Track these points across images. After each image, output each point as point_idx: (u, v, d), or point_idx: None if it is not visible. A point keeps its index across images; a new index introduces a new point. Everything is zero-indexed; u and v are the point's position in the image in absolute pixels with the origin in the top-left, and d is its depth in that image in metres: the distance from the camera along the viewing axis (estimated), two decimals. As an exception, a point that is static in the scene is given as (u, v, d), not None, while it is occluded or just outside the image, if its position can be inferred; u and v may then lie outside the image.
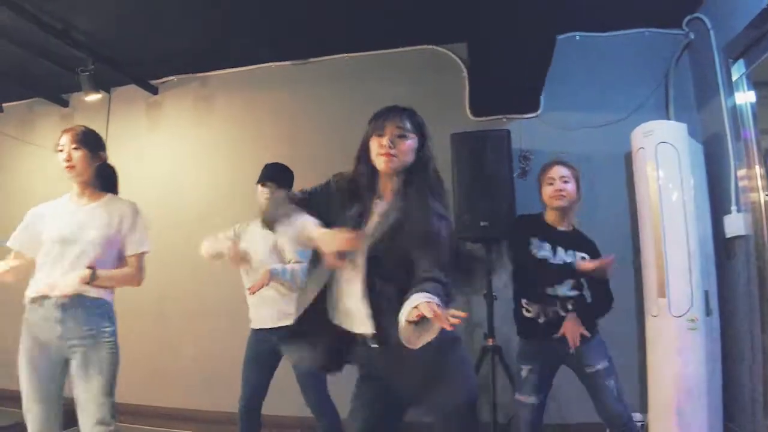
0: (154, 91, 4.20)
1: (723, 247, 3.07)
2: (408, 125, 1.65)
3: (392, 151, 1.60)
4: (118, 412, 2.07)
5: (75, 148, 2.08)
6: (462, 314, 1.22)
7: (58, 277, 2.00)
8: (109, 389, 2.02)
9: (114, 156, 4.01)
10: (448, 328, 1.21)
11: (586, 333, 2.25)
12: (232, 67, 4.05)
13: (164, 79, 4.19)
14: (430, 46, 3.79)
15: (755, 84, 2.92)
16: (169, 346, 3.94)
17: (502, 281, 2.67)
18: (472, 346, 3.43)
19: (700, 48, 3.34)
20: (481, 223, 3.13)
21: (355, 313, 1.55)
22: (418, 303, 1.28)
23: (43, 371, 2.01)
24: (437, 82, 3.74)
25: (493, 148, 3.21)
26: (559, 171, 2.40)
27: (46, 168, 4.31)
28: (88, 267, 2.01)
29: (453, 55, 3.76)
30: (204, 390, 3.75)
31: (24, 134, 4.36)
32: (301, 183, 2.52)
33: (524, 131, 3.53)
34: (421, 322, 1.28)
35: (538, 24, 2.72)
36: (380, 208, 1.64)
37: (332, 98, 3.88)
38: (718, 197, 3.10)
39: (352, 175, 1.69)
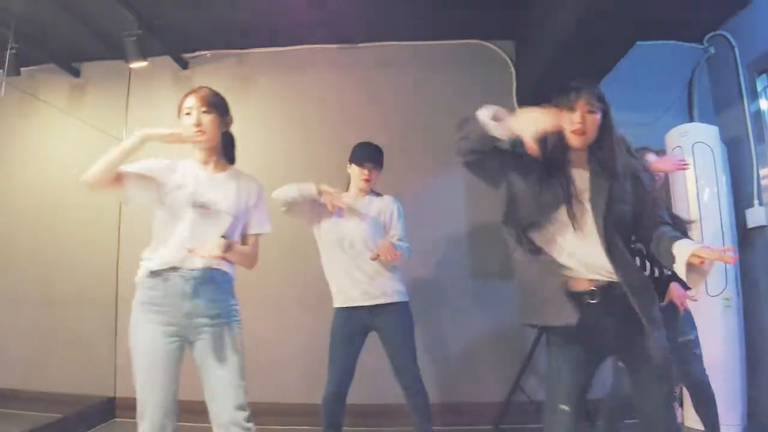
0: (183, 64, 3.98)
1: (744, 237, 3.52)
2: (595, 101, 1.75)
3: (583, 128, 1.72)
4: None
5: (205, 112, 1.91)
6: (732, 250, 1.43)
7: (186, 245, 1.81)
8: (244, 372, 1.87)
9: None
10: (731, 263, 1.39)
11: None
12: (274, 46, 3.94)
13: (196, 54, 3.98)
14: (479, 41, 3.95)
15: None
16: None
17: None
18: (525, 328, 3.65)
19: (719, 61, 3.79)
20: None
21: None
22: (694, 249, 1.49)
23: (163, 355, 1.79)
24: (485, 77, 3.91)
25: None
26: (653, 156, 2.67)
27: (57, 136, 4.00)
28: (223, 237, 1.84)
29: (501, 52, 3.94)
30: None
31: (31, 102, 3.95)
32: (339, 168, 2.72)
33: (566, 128, 3.80)
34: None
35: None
36: (580, 176, 1.75)
37: (380, 86, 3.92)
38: (740, 192, 3.54)
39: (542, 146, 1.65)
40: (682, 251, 1.57)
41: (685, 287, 2.49)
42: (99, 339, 3.73)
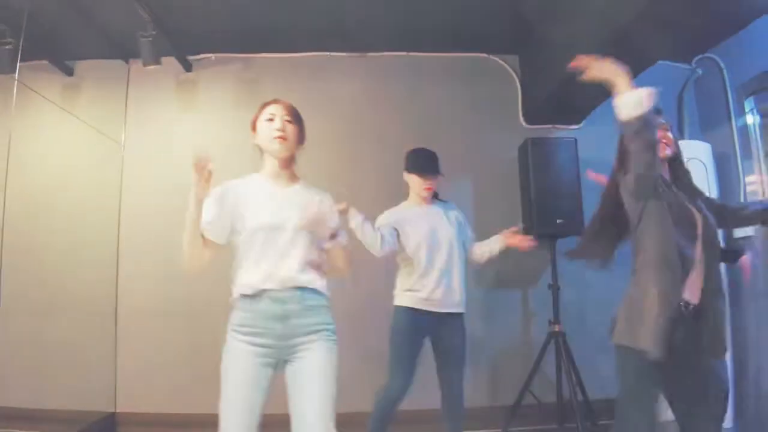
0: (187, 67, 3.86)
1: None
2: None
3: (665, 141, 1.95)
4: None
5: (288, 121, 1.89)
6: None
7: (271, 267, 1.74)
8: (335, 396, 1.74)
9: (135, 133, 3.71)
10: None
11: None
12: (282, 52, 3.89)
13: (200, 56, 3.86)
14: (485, 55, 4.05)
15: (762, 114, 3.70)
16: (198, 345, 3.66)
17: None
18: (531, 333, 3.78)
19: (707, 82, 4.06)
20: (557, 220, 3.49)
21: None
22: None
23: (254, 380, 1.70)
24: (492, 89, 4.03)
25: (564, 154, 3.58)
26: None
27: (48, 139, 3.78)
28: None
29: (506, 66, 4.05)
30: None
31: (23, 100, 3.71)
32: (359, 177, 2.63)
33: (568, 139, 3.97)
34: None
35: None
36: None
37: (389, 95, 3.96)
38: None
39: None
40: None
41: None
42: (98, 352, 3.56)
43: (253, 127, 1.93)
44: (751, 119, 3.75)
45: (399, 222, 2.64)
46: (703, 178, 3.64)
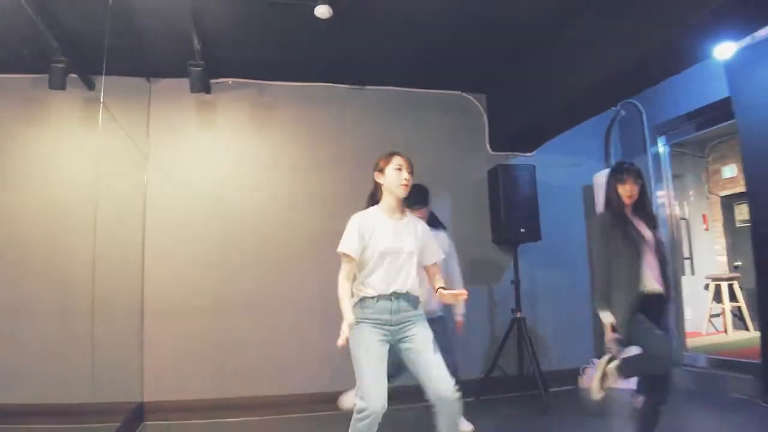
0: (207, 89, 4.32)
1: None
2: (638, 178, 2.84)
3: (633, 195, 2.80)
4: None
5: (410, 173, 2.45)
6: None
7: (394, 280, 2.37)
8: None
9: (156, 149, 4.12)
10: None
11: None
12: (293, 81, 4.49)
13: (219, 80, 4.35)
14: (458, 92, 4.89)
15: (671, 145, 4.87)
16: (223, 339, 4.16)
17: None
18: (496, 319, 4.63)
19: (629, 121, 5.16)
20: (521, 230, 4.38)
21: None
22: None
23: (377, 353, 2.33)
24: (465, 120, 4.88)
25: (525, 177, 4.50)
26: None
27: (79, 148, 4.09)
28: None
29: (476, 103, 4.92)
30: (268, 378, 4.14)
31: (34, 110, 4.04)
32: (350, 199, 3.20)
33: (524, 164, 4.89)
34: None
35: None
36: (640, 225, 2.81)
37: (380, 123, 4.65)
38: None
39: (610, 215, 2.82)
40: None
41: None
42: (126, 348, 3.94)
43: (381, 170, 2.48)
44: (662, 149, 4.90)
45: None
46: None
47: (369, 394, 2.21)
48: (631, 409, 3.27)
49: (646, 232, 2.81)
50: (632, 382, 3.58)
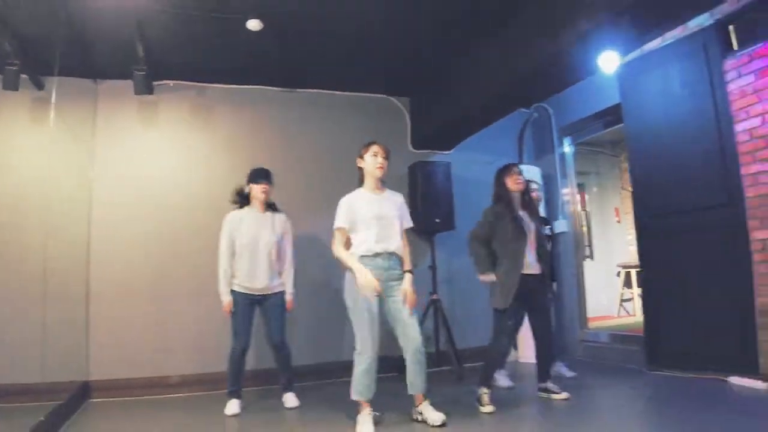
0: (150, 91, 4.66)
1: (554, 240, 5.43)
2: (519, 169, 3.51)
3: (521, 184, 3.44)
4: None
5: (385, 157, 3.17)
6: None
7: (384, 239, 3.05)
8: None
9: (103, 146, 4.46)
10: None
11: None
12: (229, 84, 4.88)
13: (161, 82, 4.70)
14: (384, 96, 5.37)
15: (576, 144, 5.43)
16: (163, 321, 4.52)
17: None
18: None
19: (540, 122, 5.71)
20: (436, 220, 4.87)
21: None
22: None
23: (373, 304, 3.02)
24: (389, 121, 5.37)
25: (441, 172, 4.99)
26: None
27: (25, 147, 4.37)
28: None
29: (400, 105, 5.42)
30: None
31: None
32: (284, 187, 3.86)
33: (443, 161, 5.38)
34: None
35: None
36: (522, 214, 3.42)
37: (311, 124, 5.08)
38: (552, 209, 5.46)
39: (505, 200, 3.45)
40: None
41: None
42: (73, 330, 4.26)
43: (362, 157, 3.18)
44: (568, 149, 5.47)
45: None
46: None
47: (366, 343, 2.98)
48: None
49: (530, 223, 3.38)
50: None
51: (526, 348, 5.09)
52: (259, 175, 3.77)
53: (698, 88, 3.85)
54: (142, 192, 4.58)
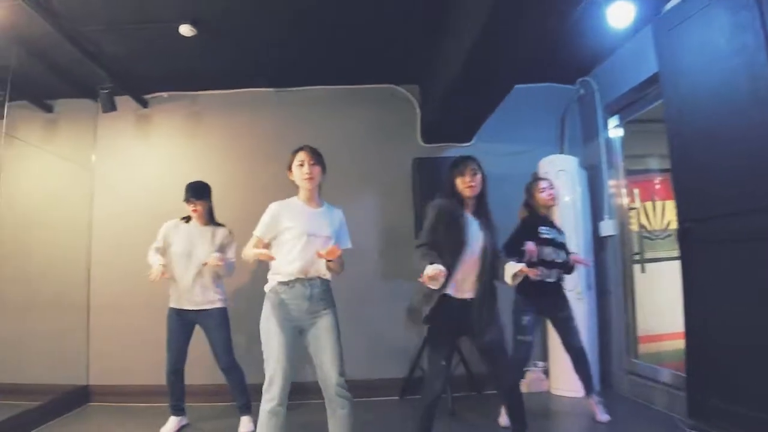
0: (144, 104, 4.70)
1: (598, 243, 4.41)
2: (476, 166, 2.75)
3: (473, 184, 2.69)
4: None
5: (313, 164, 2.63)
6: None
7: (307, 263, 2.54)
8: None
9: (103, 162, 4.54)
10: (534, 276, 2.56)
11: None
12: (221, 89, 4.71)
13: (155, 94, 4.70)
14: (391, 85, 4.78)
15: (626, 123, 4.32)
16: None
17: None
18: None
19: (586, 101, 4.68)
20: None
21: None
22: (518, 267, 2.48)
23: (289, 337, 2.53)
24: (396, 114, 4.77)
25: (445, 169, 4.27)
26: (546, 182, 3.56)
27: (31, 167, 4.65)
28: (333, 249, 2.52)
29: (409, 95, 4.78)
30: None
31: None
32: (283, 191, 3.03)
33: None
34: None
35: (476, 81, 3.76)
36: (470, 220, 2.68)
37: (309, 123, 4.68)
38: (596, 208, 4.44)
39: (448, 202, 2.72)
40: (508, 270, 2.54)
41: None
42: (75, 338, 4.44)
43: (290, 169, 2.68)
44: (614, 133, 4.39)
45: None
46: (569, 185, 4.27)
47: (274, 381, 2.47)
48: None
49: (476, 234, 2.64)
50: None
51: (559, 378, 4.22)
52: (187, 194, 3.51)
53: (749, 41, 2.71)
54: (140, 203, 4.60)
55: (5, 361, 4.30)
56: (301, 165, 2.63)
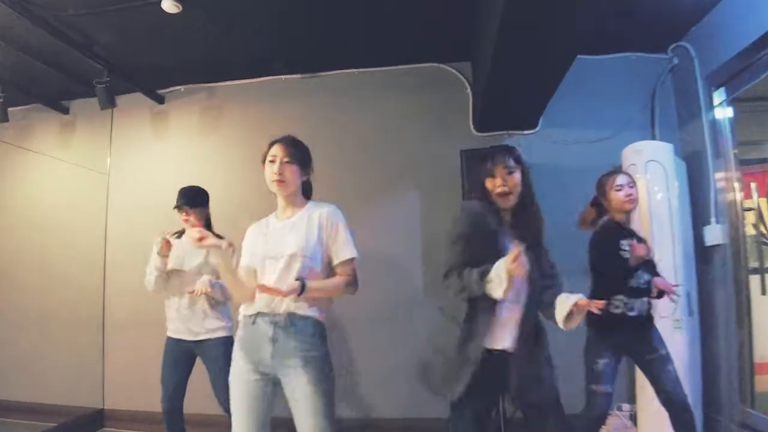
0: (160, 100, 4.25)
1: (702, 254, 3.44)
2: (513, 161, 1.95)
3: (507, 189, 1.90)
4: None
5: (288, 162, 1.99)
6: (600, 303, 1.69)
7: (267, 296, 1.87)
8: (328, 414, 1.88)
9: (118, 163, 4.16)
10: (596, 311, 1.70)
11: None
12: (241, 79, 4.16)
13: (171, 89, 4.24)
14: (436, 64, 4.01)
15: (735, 101, 3.30)
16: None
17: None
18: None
19: (682, 72, 3.69)
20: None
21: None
22: (574, 300, 1.74)
23: (251, 391, 1.90)
24: (442, 98, 3.98)
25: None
26: (625, 177, 2.66)
27: (45, 175, 4.36)
28: (297, 279, 1.85)
29: (458, 74, 3.99)
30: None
31: (22, 141, 4.32)
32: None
33: (523, 146, 3.79)
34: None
35: (544, 51, 2.93)
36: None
37: (342, 112, 4.04)
38: (699, 209, 3.46)
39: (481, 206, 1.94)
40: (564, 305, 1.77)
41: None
42: (88, 359, 4.09)
43: (262, 165, 2.05)
44: (721, 112, 3.38)
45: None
46: (662, 180, 3.34)
47: None
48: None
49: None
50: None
51: (650, 425, 3.31)
52: (179, 200, 2.92)
53: None
54: (158, 209, 4.07)
55: (22, 377, 4.12)
56: (273, 161, 1.99)
